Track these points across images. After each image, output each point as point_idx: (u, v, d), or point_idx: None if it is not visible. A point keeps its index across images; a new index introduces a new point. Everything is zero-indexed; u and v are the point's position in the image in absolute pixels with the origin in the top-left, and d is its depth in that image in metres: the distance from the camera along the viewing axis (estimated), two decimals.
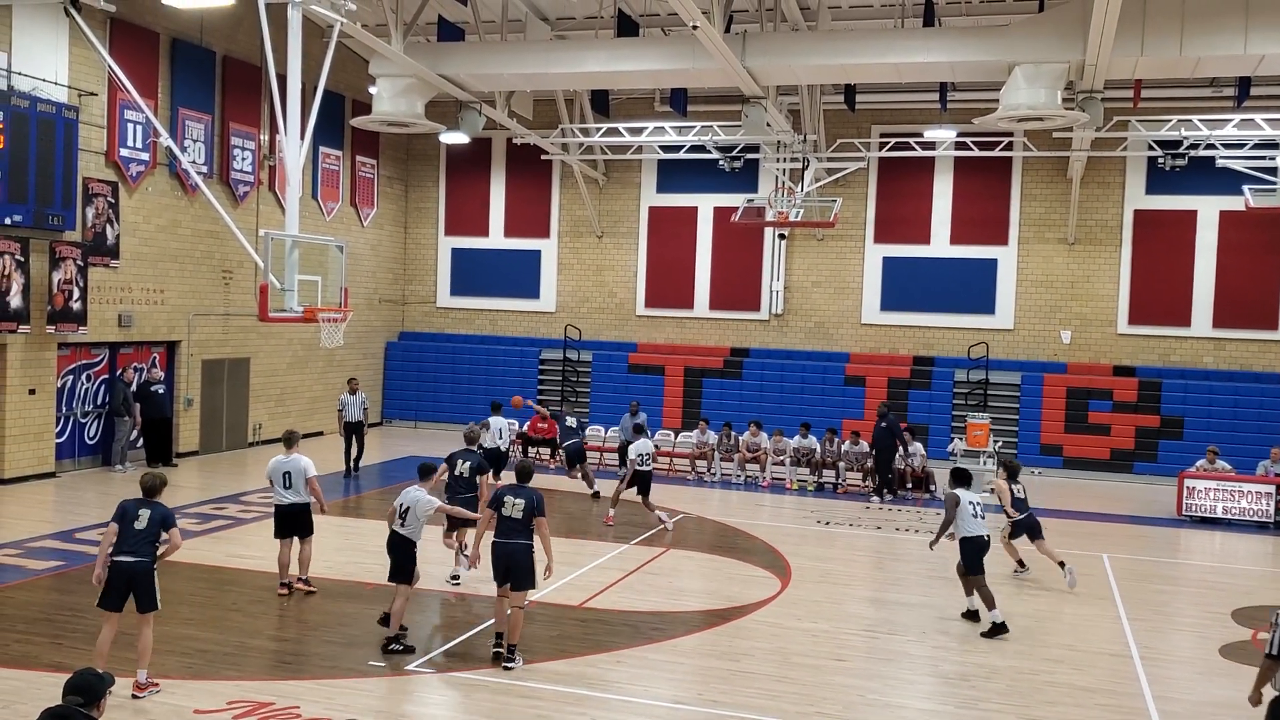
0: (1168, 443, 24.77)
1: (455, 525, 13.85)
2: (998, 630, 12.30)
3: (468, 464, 13.96)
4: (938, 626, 12.68)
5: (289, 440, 13.39)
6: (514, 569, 10.67)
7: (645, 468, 17.55)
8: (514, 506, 10.73)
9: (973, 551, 12.75)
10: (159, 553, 9.55)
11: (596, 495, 20.08)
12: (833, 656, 11.38)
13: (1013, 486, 15.09)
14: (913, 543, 17.40)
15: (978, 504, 13.00)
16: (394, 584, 11.26)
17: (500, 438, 19.81)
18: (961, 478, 13.25)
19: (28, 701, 9.06)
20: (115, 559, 9.42)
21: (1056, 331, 26.70)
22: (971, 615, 12.97)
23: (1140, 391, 25.26)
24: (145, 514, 9.50)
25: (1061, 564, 14.76)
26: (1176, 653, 12.27)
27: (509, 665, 10.54)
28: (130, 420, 21.17)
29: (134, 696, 9.33)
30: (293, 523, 13.01)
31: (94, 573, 9.66)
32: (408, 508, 11.25)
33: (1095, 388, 25.55)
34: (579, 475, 20.82)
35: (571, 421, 22.00)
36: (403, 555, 11.27)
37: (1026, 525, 15.10)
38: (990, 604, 12.49)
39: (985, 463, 22.43)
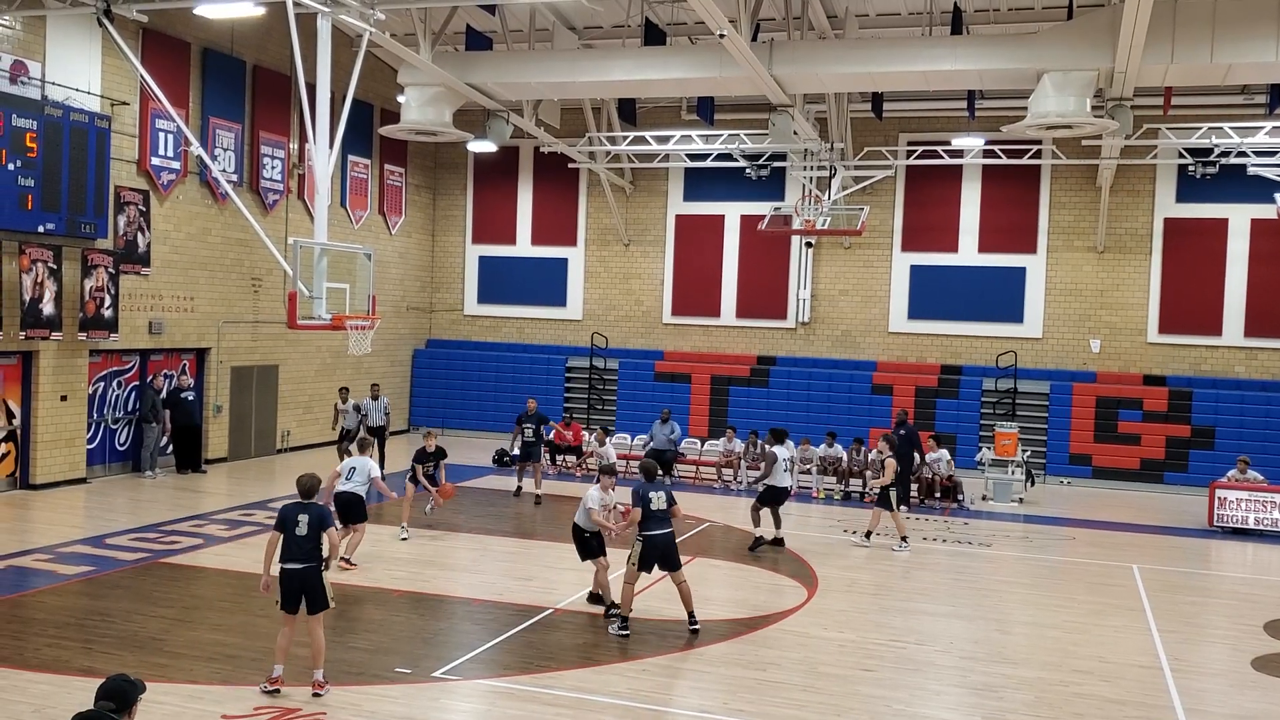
0: (1198, 453, 24.54)
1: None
2: (759, 542, 16.66)
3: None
4: (965, 636, 12.61)
5: (362, 445, 15.91)
6: (670, 555, 12.24)
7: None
8: (659, 500, 12.18)
9: (772, 495, 16.81)
10: (324, 555, 10.03)
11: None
12: (859, 666, 11.33)
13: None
14: (940, 552, 17.32)
15: (788, 460, 17.10)
16: (591, 560, 12.94)
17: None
18: (779, 436, 17.12)
19: (58, 706, 9.14)
20: (285, 566, 9.80)
21: (1086, 340, 26.52)
22: (760, 542, 16.73)
23: (1171, 401, 25.04)
24: (304, 519, 9.86)
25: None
26: (1208, 665, 12.15)
27: (696, 627, 12.16)
28: (159, 426, 21.34)
29: (314, 695, 9.73)
30: (348, 510, 14.67)
31: (261, 580, 10.04)
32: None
33: (1125, 397, 25.35)
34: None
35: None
36: (580, 541, 12.89)
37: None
38: (757, 523, 16.96)
39: (1014, 472, 22.35)
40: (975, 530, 19.31)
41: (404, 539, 16.51)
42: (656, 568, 12.28)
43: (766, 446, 17.58)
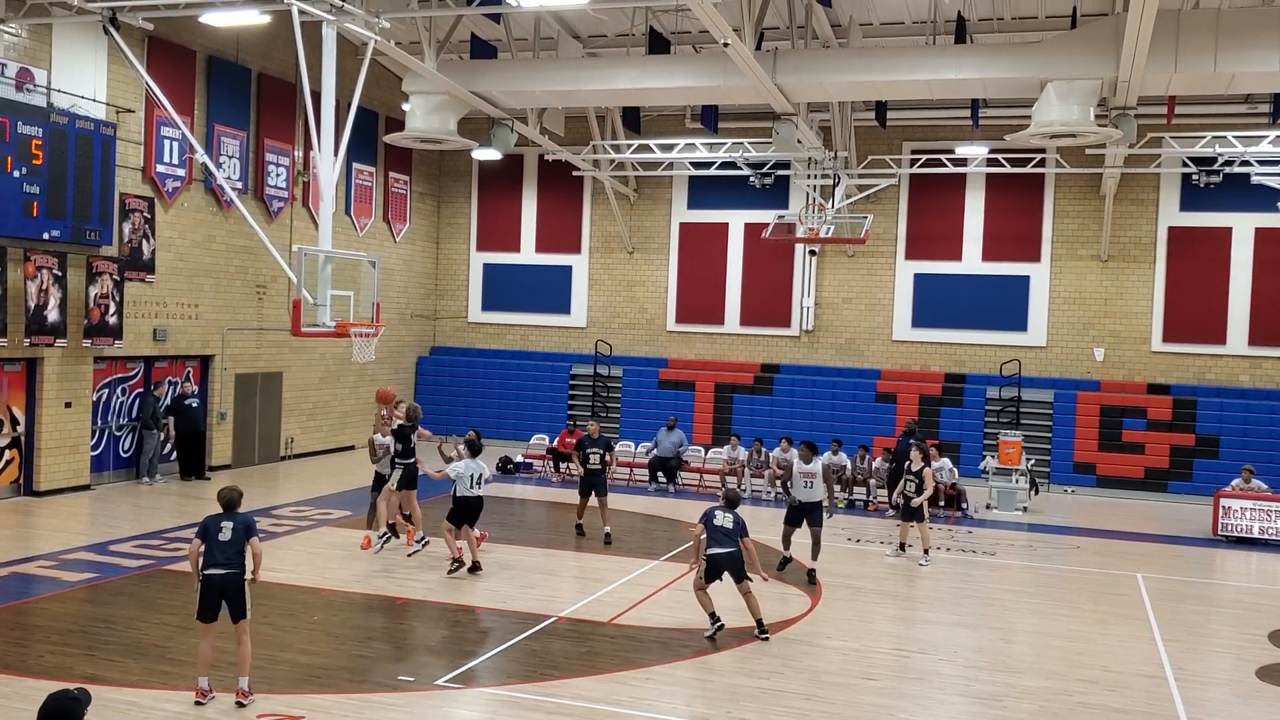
0: (1203, 461, 24.51)
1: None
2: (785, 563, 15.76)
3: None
4: (969, 645, 12.59)
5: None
6: (736, 570, 12.43)
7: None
8: (724, 519, 12.50)
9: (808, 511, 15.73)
10: (251, 565, 9.85)
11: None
12: (863, 675, 11.31)
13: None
14: (944, 560, 17.29)
15: (806, 475, 15.79)
16: (456, 525, 14.54)
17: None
18: (815, 449, 15.85)
19: None
20: (206, 573, 9.69)
21: (1090, 349, 26.50)
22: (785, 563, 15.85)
23: (1175, 410, 25.01)
24: (228, 526, 9.78)
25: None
26: (1212, 674, 12.12)
27: (764, 636, 12.37)
28: (160, 433, 21.35)
29: (238, 704, 9.59)
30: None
31: (193, 584, 9.96)
32: (483, 474, 14.36)
33: (1129, 406, 25.32)
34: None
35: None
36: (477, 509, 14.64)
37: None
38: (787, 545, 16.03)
39: (1018, 481, 22.31)
40: (979, 539, 19.29)
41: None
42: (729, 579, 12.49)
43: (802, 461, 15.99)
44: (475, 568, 14.75)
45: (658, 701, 10.30)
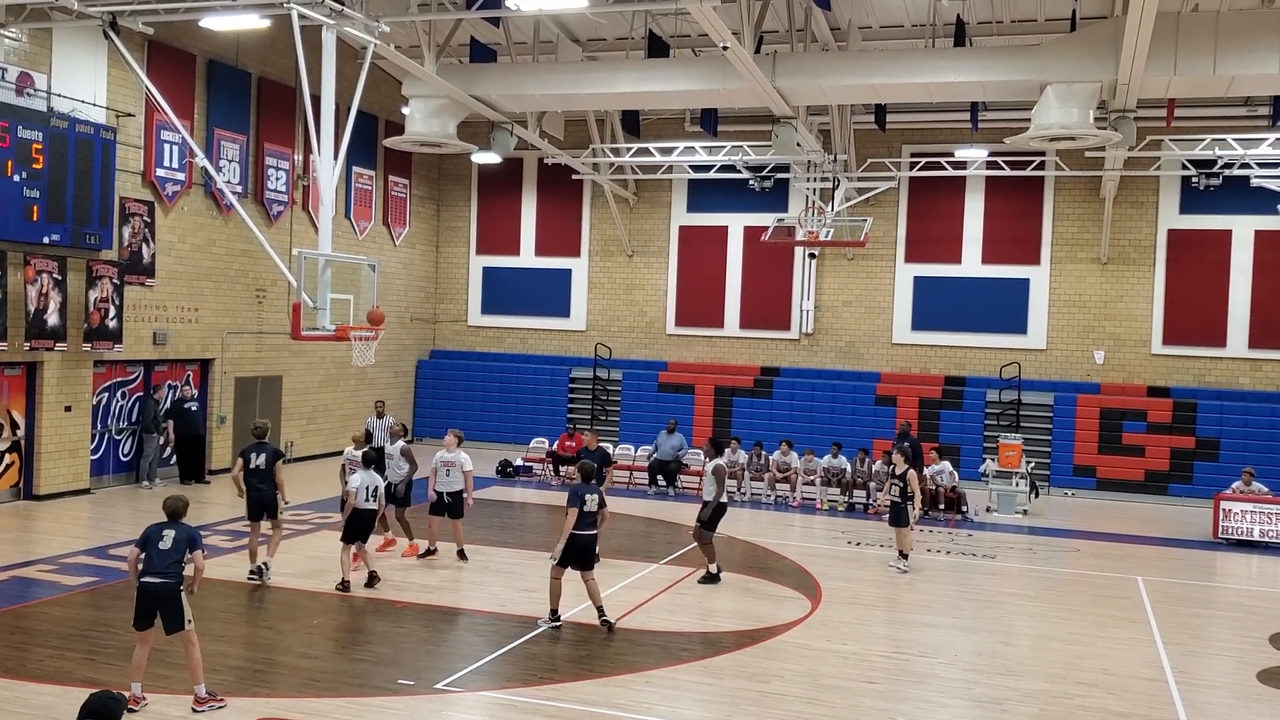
0: (1203, 464, 24.50)
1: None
2: (712, 579, 15.09)
3: (262, 456, 14.48)
4: (969, 649, 12.58)
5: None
6: (592, 553, 12.77)
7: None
8: (592, 502, 12.57)
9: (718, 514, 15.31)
10: (187, 575, 9.68)
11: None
12: (863, 679, 11.30)
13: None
14: (944, 564, 17.29)
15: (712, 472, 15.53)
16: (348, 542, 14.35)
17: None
18: (720, 448, 16.18)
19: (61, 717, 9.13)
20: (143, 580, 9.58)
21: (1090, 352, 26.50)
22: (712, 578, 15.16)
23: (1175, 412, 25.01)
24: (169, 534, 9.68)
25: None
26: (1212, 677, 12.11)
27: (607, 622, 12.49)
28: (159, 437, 21.35)
29: (194, 710, 9.51)
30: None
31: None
32: (377, 488, 14.36)
33: (1129, 408, 25.32)
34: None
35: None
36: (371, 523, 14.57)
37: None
38: (712, 559, 15.25)
39: (1018, 484, 22.31)
40: (979, 542, 19.28)
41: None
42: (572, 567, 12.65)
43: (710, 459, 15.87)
44: (371, 580, 14.18)
45: (658, 705, 10.28)
